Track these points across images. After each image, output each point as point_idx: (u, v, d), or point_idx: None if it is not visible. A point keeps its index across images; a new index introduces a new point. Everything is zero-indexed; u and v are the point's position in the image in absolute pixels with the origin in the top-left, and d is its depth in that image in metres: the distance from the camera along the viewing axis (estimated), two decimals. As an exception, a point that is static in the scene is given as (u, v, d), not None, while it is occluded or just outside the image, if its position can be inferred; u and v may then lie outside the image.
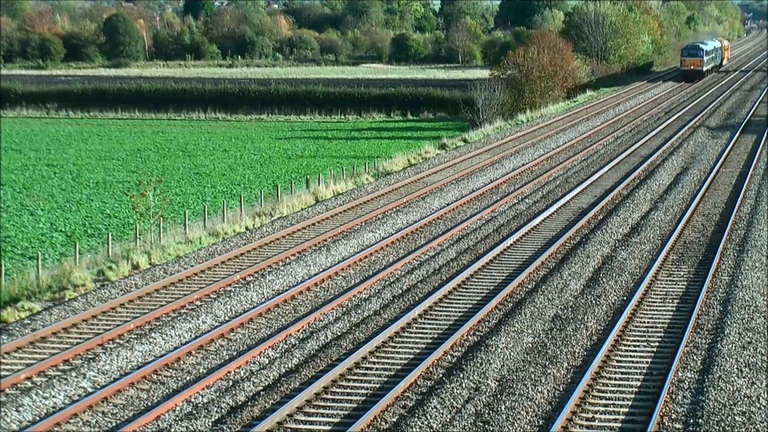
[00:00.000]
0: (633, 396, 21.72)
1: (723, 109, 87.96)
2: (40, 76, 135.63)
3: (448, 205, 43.03)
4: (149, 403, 21.38)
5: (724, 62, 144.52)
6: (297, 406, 20.90)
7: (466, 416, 20.39)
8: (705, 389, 21.70)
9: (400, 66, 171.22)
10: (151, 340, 25.03)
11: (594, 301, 28.45)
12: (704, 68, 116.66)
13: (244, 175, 60.08)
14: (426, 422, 19.99)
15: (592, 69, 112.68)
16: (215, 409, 20.82)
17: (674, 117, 79.00)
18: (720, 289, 29.70)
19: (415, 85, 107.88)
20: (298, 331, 26.07)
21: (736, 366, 23.19)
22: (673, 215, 40.68)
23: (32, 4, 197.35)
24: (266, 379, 22.60)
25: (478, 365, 23.03)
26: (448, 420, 20.24)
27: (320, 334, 25.66)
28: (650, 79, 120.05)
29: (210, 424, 20.17)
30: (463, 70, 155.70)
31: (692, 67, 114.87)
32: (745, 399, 21.35)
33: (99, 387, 22.15)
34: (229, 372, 23.02)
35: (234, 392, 21.70)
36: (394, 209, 41.75)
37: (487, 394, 21.64)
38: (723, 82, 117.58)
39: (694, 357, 23.87)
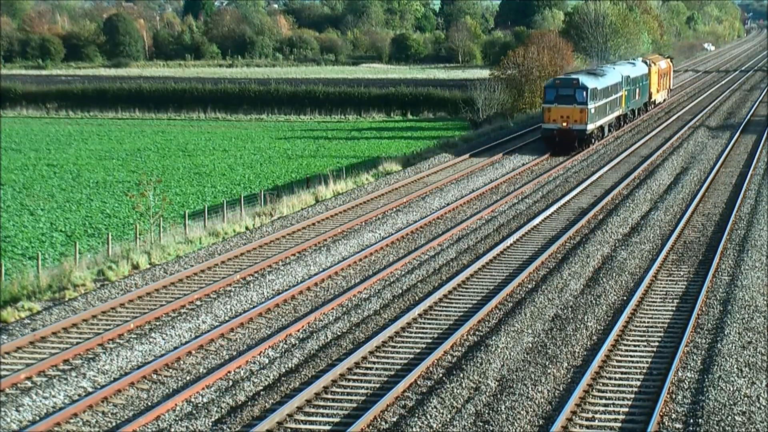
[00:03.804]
0: (633, 396, 21.72)
1: (723, 109, 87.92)
2: (40, 76, 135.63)
3: (448, 205, 43.01)
4: (149, 403, 21.38)
5: (659, 98, 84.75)
6: (297, 406, 20.89)
7: (466, 416, 20.38)
8: (705, 389, 21.69)
9: (400, 66, 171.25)
10: (151, 339, 25.03)
11: (594, 301, 28.44)
12: (588, 126, 57.24)
13: (244, 175, 60.06)
14: (426, 422, 19.98)
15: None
16: (215, 408, 20.81)
17: (674, 117, 78.99)
18: (720, 289, 29.69)
19: (415, 85, 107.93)
20: (298, 330, 26.07)
21: (736, 366, 23.18)
22: (673, 215, 40.67)
23: (32, 4, 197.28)
24: (266, 379, 22.60)
25: (478, 365, 23.03)
26: (448, 420, 20.23)
27: (320, 334, 25.65)
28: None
29: (210, 424, 20.16)
30: (463, 70, 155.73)
31: (564, 124, 56.82)
32: (745, 399, 21.34)
33: (99, 387, 22.14)
34: (229, 372, 23.02)
35: (234, 392, 21.70)
36: (394, 209, 41.73)
37: (487, 393, 21.63)
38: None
39: (694, 357, 23.86)
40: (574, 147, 57.68)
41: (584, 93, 56.50)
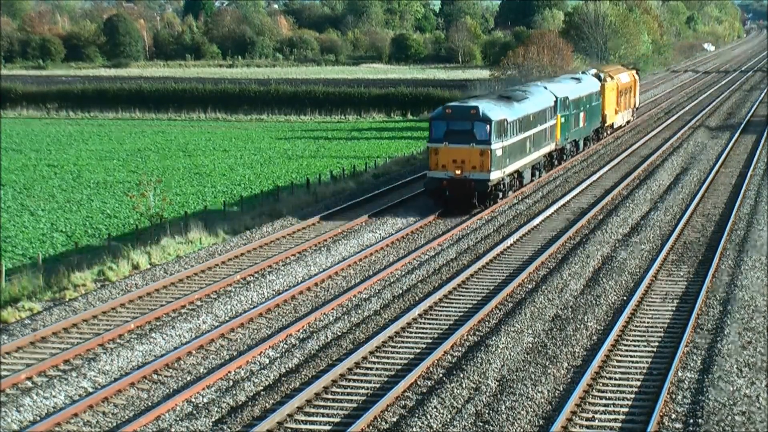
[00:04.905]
0: (633, 396, 21.73)
1: (723, 109, 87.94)
2: (41, 77, 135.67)
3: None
4: (149, 403, 21.39)
5: (618, 121, 68.35)
6: (297, 406, 20.90)
7: (466, 416, 20.39)
8: (705, 389, 21.70)
9: (400, 66, 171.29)
10: (151, 340, 25.04)
11: (594, 301, 28.45)
12: (492, 173, 40.11)
13: (244, 175, 60.07)
14: (426, 422, 19.99)
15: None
16: (215, 409, 20.82)
17: (674, 117, 78.96)
18: (720, 289, 29.71)
19: (415, 85, 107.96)
20: (298, 331, 26.07)
21: (736, 366, 23.19)
22: (672, 215, 40.69)
23: (32, 5, 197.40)
24: (266, 379, 22.61)
25: (478, 365, 23.04)
26: (448, 420, 20.24)
27: (320, 334, 25.66)
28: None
29: (210, 424, 20.17)
30: (463, 70, 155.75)
31: (457, 172, 39.98)
32: (745, 399, 21.35)
33: (99, 387, 22.15)
34: (230, 372, 23.03)
35: (234, 392, 21.71)
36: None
37: (487, 394, 21.64)
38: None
39: (694, 357, 23.87)
40: (473, 204, 40.39)
41: (487, 127, 39.58)
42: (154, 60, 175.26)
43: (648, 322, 26.75)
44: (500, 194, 41.81)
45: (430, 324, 26.62)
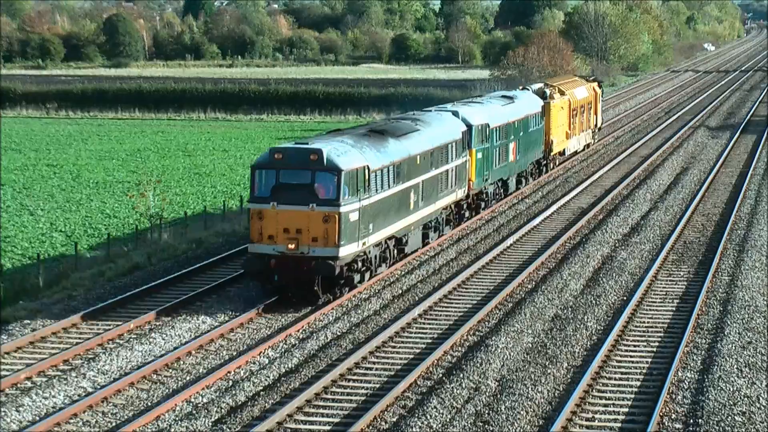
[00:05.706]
0: (633, 396, 21.71)
1: (723, 109, 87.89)
2: (40, 76, 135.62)
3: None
4: (149, 403, 21.35)
5: (573, 146, 55.84)
6: (297, 406, 20.87)
7: (466, 416, 20.37)
8: (705, 389, 21.68)
9: (400, 66, 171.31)
10: (150, 340, 25.01)
11: (594, 301, 28.43)
12: (342, 248, 27.09)
13: (244, 175, 60.03)
14: (426, 422, 19.97)
15: (592, 69, 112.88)
16: (215, 409, 20.80)
17: (675, 117, 78.90)
18: (720, 289, 29.69)
19: (415, 85, 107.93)
20: (298, 331, 26.04)
21: (736, 366, 23.17)
22: (673, 215, 40.67)
23: (32, 4, 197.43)
24: (266, 379, 22.58)
25: (478, 365, 23.02)
26: (448, 420, 20.22)
27: (320, 334, 25.63)
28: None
29: (210, 424, 20.14)
30: (463, 70, 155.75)
31: (290, 246, 26.92)
32: (745, 399, 21.33)
33: (99, 387, 22.12)
34: (229, 372, 23.00)
35: (234, 392, 21.68)
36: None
37: (487, 394, 21.62)
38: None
39: (694, 357, 23.85)
40: (314, 293, 27.76)
41: (334, 180, 27.43)
42: (154, 60, 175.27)
43: (648, 322, 26.73)
44: (358, 276, 28.95)
45: (430, 324, 26.59)
